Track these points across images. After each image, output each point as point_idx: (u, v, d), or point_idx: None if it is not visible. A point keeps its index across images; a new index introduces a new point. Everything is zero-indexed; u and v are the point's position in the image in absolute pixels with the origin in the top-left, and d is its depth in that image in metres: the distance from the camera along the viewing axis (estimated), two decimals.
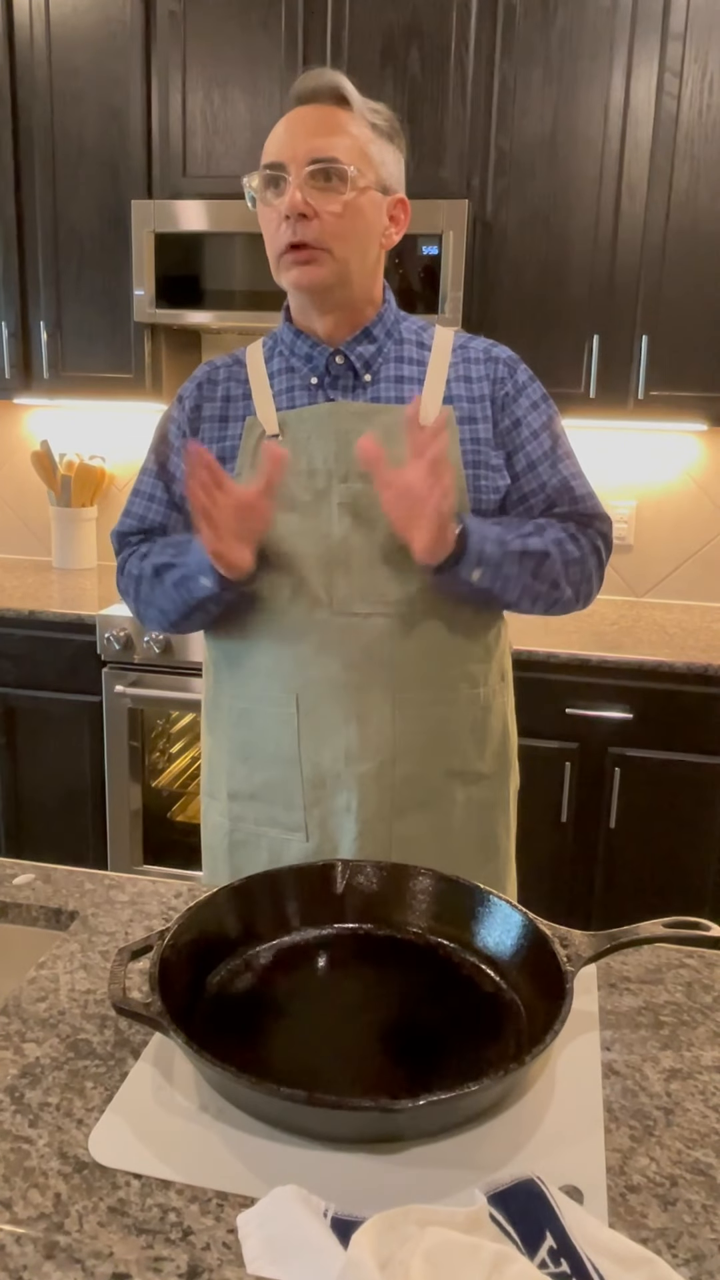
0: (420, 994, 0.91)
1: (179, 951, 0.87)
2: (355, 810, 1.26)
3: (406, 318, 1.32)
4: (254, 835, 1.33)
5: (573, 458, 1.32)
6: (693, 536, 2.78)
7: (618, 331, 2.38)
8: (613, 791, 2.30)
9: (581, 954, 0.87)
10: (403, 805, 1.27)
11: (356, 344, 1.25)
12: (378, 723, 1.25)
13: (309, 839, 1.29)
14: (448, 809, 1.30)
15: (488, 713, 1.31)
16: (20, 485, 3.16)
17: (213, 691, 1.36)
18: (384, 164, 1.21)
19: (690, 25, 2.21)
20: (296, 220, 1.16)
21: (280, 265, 1.21)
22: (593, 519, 1.31)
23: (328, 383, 1.26)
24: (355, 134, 1.18)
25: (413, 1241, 0.60)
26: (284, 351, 1.30)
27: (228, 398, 1.30)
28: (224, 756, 1.34)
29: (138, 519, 1.34)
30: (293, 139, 1.17)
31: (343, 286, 1.21)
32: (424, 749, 1.27)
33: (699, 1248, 0.66)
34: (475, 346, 1.30)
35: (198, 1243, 0.65)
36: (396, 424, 1.23)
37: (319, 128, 1.17)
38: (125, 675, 2.49)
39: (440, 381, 1.26)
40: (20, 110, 2.57)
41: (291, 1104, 0.70)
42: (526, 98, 2.31)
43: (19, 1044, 0.84)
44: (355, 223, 1.19)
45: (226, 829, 1.35)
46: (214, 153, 2.47)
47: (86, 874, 1.15)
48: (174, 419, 1.33)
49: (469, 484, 1.24)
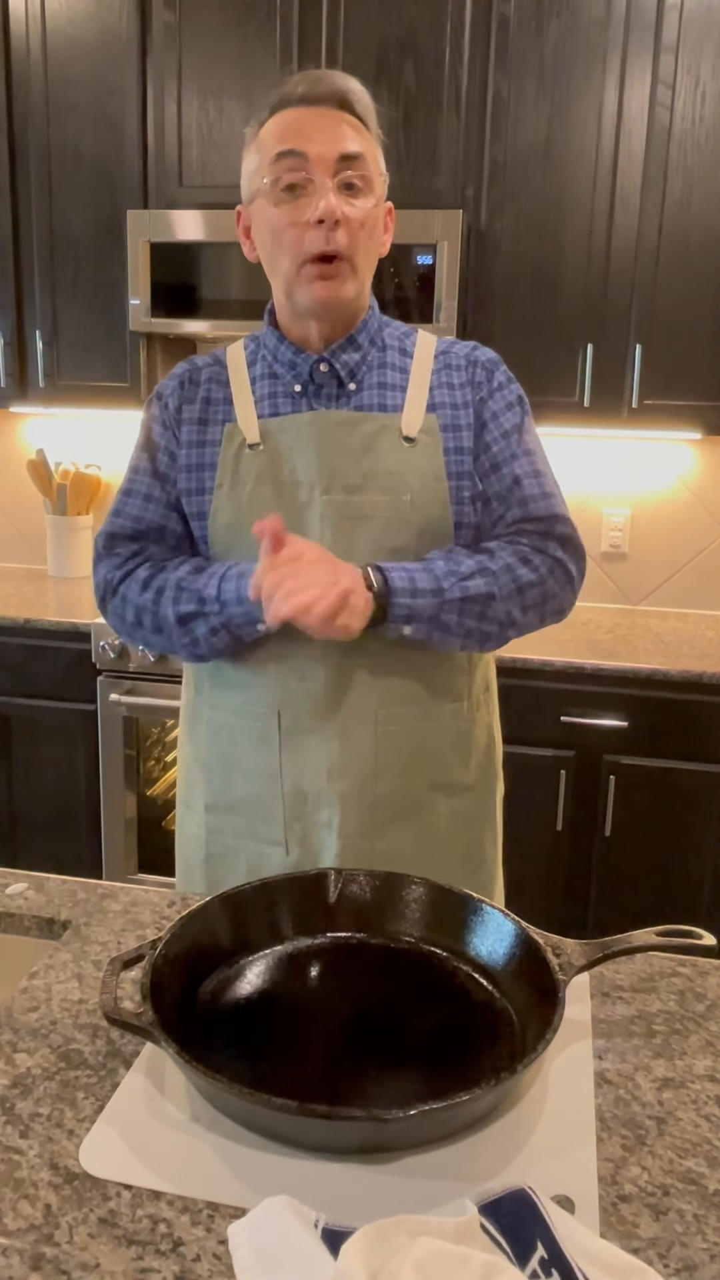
0: (412, 1003, 0.90)
1: (171, 961, 0.87)
2: (337, 826, 1.24)
3: (389, 323, 1.29)
4: (232, 848, 1.30)
5: (533, 457, 1.25)
6: (688, 545, 2.78)
7: (612, 340, 2.38)
8: (608, 800, 2.30)
9: (574, 962, 0.87)
10: (385, 820, 1.25)
11: (341, 351, 1.23)
12: (359, 740, 1.23)
13: (289, 853, 1.27)
14: (431, 822, 1.28)
15: (471, 724, 1.30)
16: (16, 494, 3.16)
17: (192, 701, 1.34)
18: (384, 172, 1.21)
19: (683, 37, 2.22)
20: (331, 228, 1.12)
21: (301, 276, 1.16)
22: (551, 523, 1.23)
23: (311, 391, 1.24)
24: (369, 141, 1.17)
25: (403, 1252, 0.60)
26: (266, 357, 1.27)
27: (208, 400, 1.26)
28: (201, 768, 1.32)
29: (132, 519, 1.28)
30: (312, 138, 1.12)
31: (355, 300, 1.20)
32: (406, 764, 1.25)
33: (690, 1258, 0.65)
34: (457, 352, 1.27)
35: (188, 1254, 0.64)
36: (378, 432, 1.21)
37: (339, 132, 1.13)
38: (120, 684, 2.49)
39: (423, 390, 1.24)
40: (16, 120, 2.58)
41: (283, 1114, 0.70)
42: (520, 108, 2.32)
43: (10, 1054, 0.84)
44: (373, 234, 1.18)
45: (203, 840, 1.33)
46: (209, 163, 2.48)
47: (79, 883, 1.14)
48: (157, 417, 1.29)
49: (451, 495, 1.22)
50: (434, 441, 1.22)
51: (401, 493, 1.20)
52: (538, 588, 1.21)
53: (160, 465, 1.28)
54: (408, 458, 1.21)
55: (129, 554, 1.28)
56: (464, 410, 1.24)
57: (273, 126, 1.15)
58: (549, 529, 1.23)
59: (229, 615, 1.18)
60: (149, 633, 1.25)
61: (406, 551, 1.20)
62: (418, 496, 1.20)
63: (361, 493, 1.20)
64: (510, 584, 1.19)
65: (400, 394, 1.24)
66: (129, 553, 1.28)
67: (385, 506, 1.20)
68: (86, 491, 2.98)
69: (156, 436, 1.29)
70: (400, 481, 1.20)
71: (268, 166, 1.15)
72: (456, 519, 1.23)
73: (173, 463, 1.27)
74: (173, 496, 1.28)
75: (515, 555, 1.21)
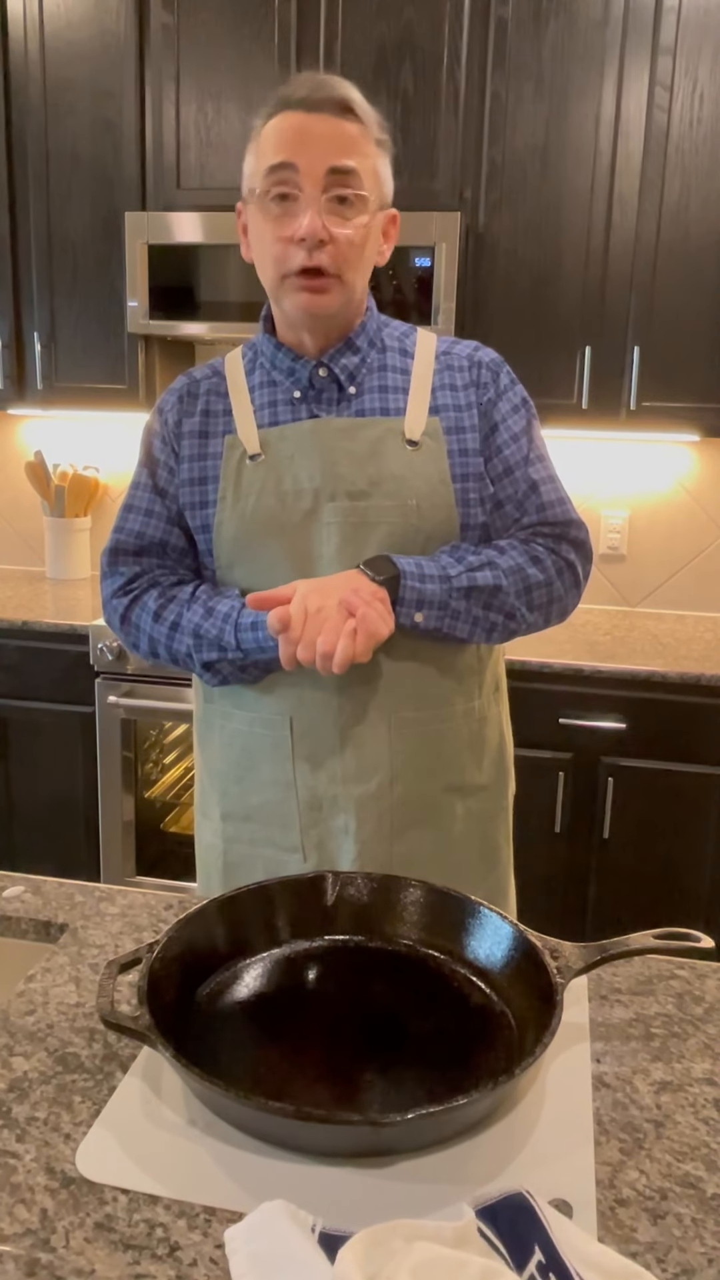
0: (410, 1006, 0.90)
1: (168, 964, 0.87)
2: (354, 831, 1.24)
3: (388, 323, 1.29)
4: (249, 856, 1.30)
5: (545, 462, 1.26)
6: (686, 546, 2.78)
7: (609, 342, 2.38)
8: (606, 801, 2.30)
9: (572, 965, 0.87)
10: (402, 824, 1.25)
11: (340, 355, 1.22)
12: (373, 744, 1.23)
13: (306, 859, 1.27)
14: (448, 824, 1.28)
15: (484, 724, 1.30)
16: (14, 496, 3.16)
17: (204, 710, 1.34)
18: (385, 180, 1.20)
19: (680, 39, 2.22)
20: (315, 245, 1.12)
21: (285, 286, 1.17)
22: (566, 528, 1.25)
23: (311, 396, 1.23)
24: (367, 152, 1.15)
25: (400, 1256, 0.60)
26: (265, 364, 1.26)
27: (208, 412, 1.26)
28: (216, 777, 1.32)
29: (134, 535, 1.28)
30: (307, 147, 1.11)
31: (344, 310, 1.20)
32: (421, 767, 1.25)
33: (688, 1262, 0.65)
34: (459, 352, 1.27)
35: (185, 1258, 0.64)
36: (381, 437, 1.21)
37: (334, 144, 1.12)
38: (118, 686, 2.49)
39: (425, 391, 1.23)
40: (14, 122, 2.58)
41: (280, 1118, 0.70)
42: (518, 110, 2.32)
43: (6, 1058, 0.83)
44: (365, 247, 1.17)
45: (220, 849, 1.33)
46: (207, 165, 2.48)
47: (77, 886, 1.14)
48: (156, 433, 1.29)
49: (457, 498, 1.22)
50: (438, 445, 1.22)
51: (408, 497, 1.20)
52: (545, 588, 1.22)
53: (160, 480, 1.28)
54: (412, 461, 1.21)
55: (132, 574, 1.29)
56: (467, 412, 1.24)
57: (271, 130, 1.15)
58: (564, 533, 1.25)
59: (253, 660, 1.21)
60: (165, 661, 1.28)
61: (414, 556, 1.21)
62: (424, 500, 1.20)
63: (367, 499, 1.20)
64: (519, 582, 1.20)
65: (402, 396, 1.23)
66: (132, 572, 1.29)
67: (392, 512, 1.20)
68: (85, 493, 2.98)
69: (156, 452, 1.29)
70: (406, 486, 1.20)
71: (261, 176, 1.15)
72: (463, 521, 1.23)
73: (172, 478, 1.27)
74: (173, 511, 1.28)
75: (526, 554, 1.22)
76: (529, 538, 1.24)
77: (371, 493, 1.20)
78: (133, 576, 1.29)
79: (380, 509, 1.20)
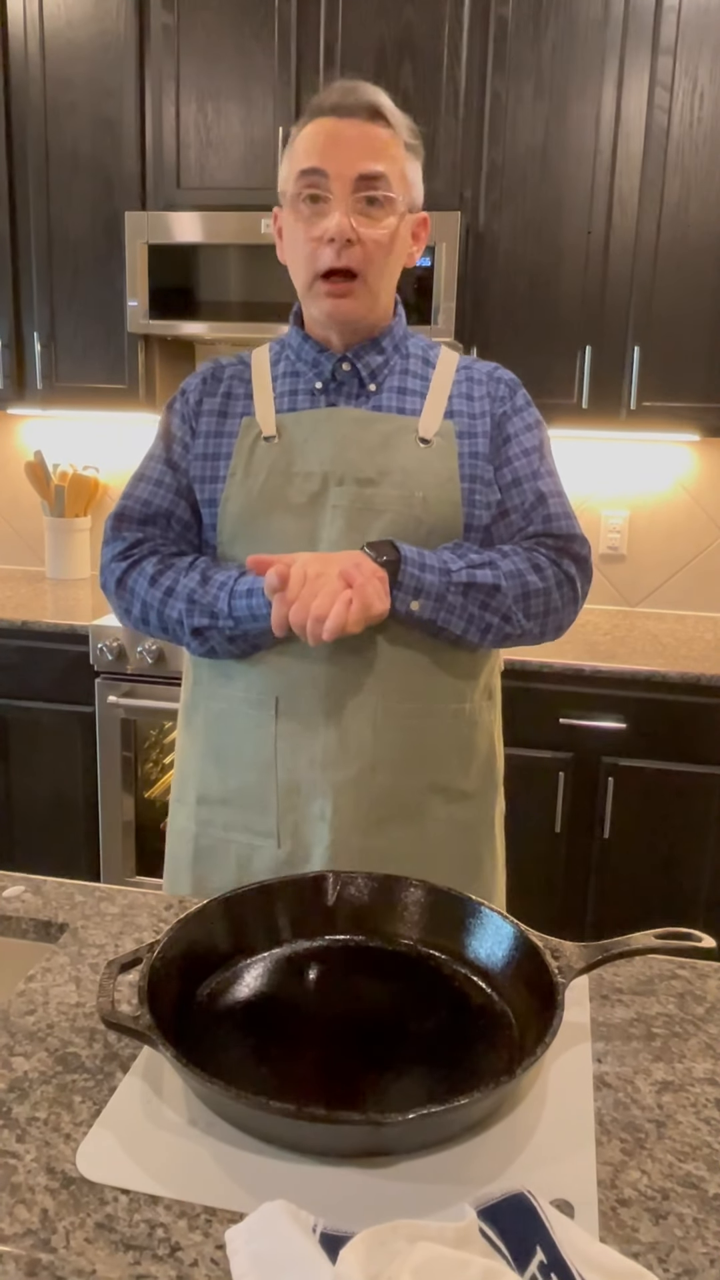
0: (411, 1006, 0.90)
1: (168, 964, 0.87)
2: (329, 818, 1.24)
3: (414, 335, 1.32)
4: (221, 842, 1.30)
5: (555, 479, 1.29)
6: (686, 546, 2.78)
7: (610, 342, 2.38)
8: (606, 801, 2.30)
9: (573, 965, 0.87)
10: (381, 818, 1.25)
11: (365, 353, 1.26)
12: (358, 730, 1.23)
13: (280, 845, 1.26)
14: (427, 826, 1.27)
15: (473, 729, 1.29)
16: (14, 496, 3.16)
17: (191, 693, 1.34)
18: (415, 184, 1.23)
19: (680, 39, 2.22)
20: (343, 245, 1.15)
21: (313, 291, 1.21)
22: (570, 541, 1.26)
23: (332, 389, 1.26)
24: (396, 156, 1.18)
25: (401, 1257, 0.60)
26: (290, 356, 1.30)
27: (229, 395, 1.30)
28: (196, 760, 1.32)
29: (141, 503, 1.30)
30: (337, 152, 1.15)
31: (370, 314, 1.23)
32: (405, 761, 1.24)
33: (690, 1262, 0.65)
34: (479, 369, 1.30)
35: (185, 1259, 0.64)
36: (395, 432, 1.23)
37: (364, 148, 1.16)
38: (118, 686, 2.48)
39: (443, 397, 1.26)
40: (14, 121, 2.58)
41: (281, 1118, 0.69)
42: (518, 111, 2.32)
43: (7, 1058, 0.83)
44: (393, 249, 1.20)
45: (192, 833, 1.33)
46: (207, 165, 2.48)
47: (77, 886, 1.14)
48: (177, 410, 1.32)
49: (464, 498, 1.23)
50: (449, 445, 1.24)
51: (414, 489, 1.21)
52: (544, 597, 1.23)
53: (174, 455, 1.31)
54: (423, 458, 1.23)
55: (134, 539, 1.30)
56: (481, 419, 1.26)
57: (304, 136, 1.19)
58: (567, 546, 1.26)
59: (244, 629, 1.21)
60: (154, 629, 1.28)
61: None
62: (430, 495, 1.22)
63: (375, 486, 1.21)
64: (519, 586, 1.21)
65: (419, 400, 1.26)
66: (134, 538, 1.30)
67: (398, 501, 1.21)
68: (85, 493, 2.98)
69: (174, 428, 1.32)
70: (414, 478, 1.22)
71: (293, 180, 1.19)
72: (467, 521, 1.24)
73: (186, 453, 1.30)
74: (183, 485, 1.30)
75: (528, 561, 1.23)
76: (532, 547, 1.25)
77: (379, 481, 1.21)
78: (134, 542, 1.29)
79: (386, 498, 1.21)
